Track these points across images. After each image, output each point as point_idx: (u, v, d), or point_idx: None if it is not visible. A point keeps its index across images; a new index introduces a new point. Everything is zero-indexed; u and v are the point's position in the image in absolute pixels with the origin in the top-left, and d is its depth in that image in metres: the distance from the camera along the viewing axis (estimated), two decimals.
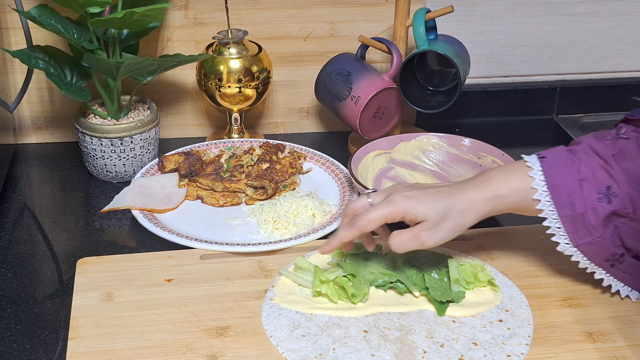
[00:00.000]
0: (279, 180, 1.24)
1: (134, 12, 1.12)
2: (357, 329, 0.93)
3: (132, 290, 0.99)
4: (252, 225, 1.15)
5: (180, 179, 1.23)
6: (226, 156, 1.28)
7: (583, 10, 1.49)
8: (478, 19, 1.47)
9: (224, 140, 1.33)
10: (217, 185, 1.21)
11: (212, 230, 1.13)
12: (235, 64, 1.30)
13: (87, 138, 1.24)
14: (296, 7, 1.37)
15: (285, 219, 1.13)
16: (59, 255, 1.11)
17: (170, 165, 1.24)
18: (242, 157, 1.27)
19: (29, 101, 1.36)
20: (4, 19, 1.29)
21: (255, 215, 1.16)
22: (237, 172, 1.24)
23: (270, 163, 1.26)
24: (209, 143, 1.32)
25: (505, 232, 1.14)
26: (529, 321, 0.95)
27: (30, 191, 1.26)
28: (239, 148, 1.31)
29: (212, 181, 1.22)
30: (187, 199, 1.20)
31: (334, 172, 1.28)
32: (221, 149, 1.31)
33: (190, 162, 1.25)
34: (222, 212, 1.19)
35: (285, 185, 1.24)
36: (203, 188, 1.22)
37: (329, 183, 1.26)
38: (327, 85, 1.34)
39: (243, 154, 1.28)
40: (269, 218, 1.14)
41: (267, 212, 1.15)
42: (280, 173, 1.25)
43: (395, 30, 1.33)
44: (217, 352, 0.89)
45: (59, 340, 0.93)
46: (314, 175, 1.28)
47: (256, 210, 1.18)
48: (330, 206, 1.18)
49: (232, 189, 1.21)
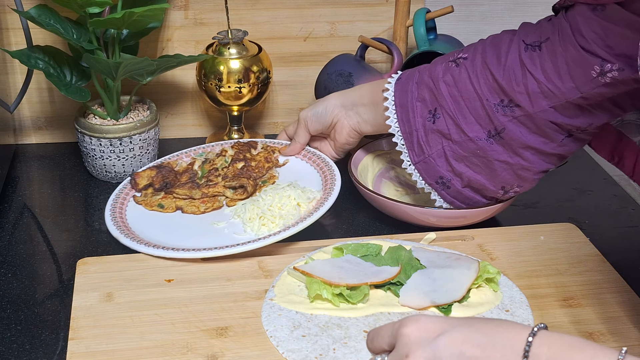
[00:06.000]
0: (257, 176, 1.21)
1: (133, 13, 1.11)
2: (357, 329, 0.93)
3: (132, 290, 0.99)
4: (238, 225, 1.13)
5: (155, 192, 1.19)
6: (199, 162, 1.24)
7: None
8: (478, 19, 1.47)
9: (194, 147, 1.29)
10: (194, 192, 1.18)
11: (196, 238, 1.10)
12: (235, 64, 1.30)
13: (86, 138, 1.24)
14: (296, 7, 1.37)
15: (270, 213, 1.12)
16: (59, 255, 1.11)
17: (143, 182, 1.20)
18: (215, 160, 1.24)
19: (29, 101, 1.36)
20: (3, 19, 1.29)
21: (239, 215, 1.14)
22: (212, 176, 1.21)
23: (245, 161, 1.22)
24: (179, 153, 1.28)
25: (505, 232, 1.14)
26: (528, 321, 0.95)
27: (30, 191, 1.26)
28: (210, 152, 1.28)
29: (189, 189, 1.18)
30: (165, 211, 1.17)
31: (311, 159, 1.24)
32: (192, 157, 1.27)
33: (163, 174, 1.20)
34: (205, 218, 1.15)
35: (265, 181, 1.21)
36: (181, 198, 1.18)
37: (308, 170, 1.23)
38: (327, 87, 1.33)
39: (216, 157, 1.25)
40: (253, 215, 1.12)
41: (250, 209, 1.13)
42: (257, 169, 1.22)
43: (395, 31, 1.33)
44: (217, 353, 0.89)
45: (59, 340, 0.93)
46: (292, 166, 1.25)
47: (239, 210, 1.15)
48: (313, 192, 1.16)
49: (210, 193, 1.18)
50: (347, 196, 1.24)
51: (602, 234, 1.15)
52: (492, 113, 1.03)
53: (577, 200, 1.27)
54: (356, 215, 1.21)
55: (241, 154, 1.24)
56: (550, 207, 1.25)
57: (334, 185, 1.15)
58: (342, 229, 1.18)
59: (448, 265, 1.01)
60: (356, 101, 1.18)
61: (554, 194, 1.28)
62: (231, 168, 1.21)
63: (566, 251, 1.08)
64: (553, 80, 0.98)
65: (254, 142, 1.28)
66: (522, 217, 1.21)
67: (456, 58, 1.07)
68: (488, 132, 1.05)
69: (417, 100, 1.09)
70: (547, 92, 0.99)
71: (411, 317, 0.73)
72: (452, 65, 1.07)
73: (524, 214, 1.22)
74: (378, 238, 1.09)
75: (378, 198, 1.15)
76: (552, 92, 0.99)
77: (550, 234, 1.11)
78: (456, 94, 1.06)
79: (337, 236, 1.15)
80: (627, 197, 1.27)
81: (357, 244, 1.04)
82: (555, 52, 0.98)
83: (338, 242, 1.06)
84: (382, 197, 1.15)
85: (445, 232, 1.12)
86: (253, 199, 1.16)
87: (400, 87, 1.11)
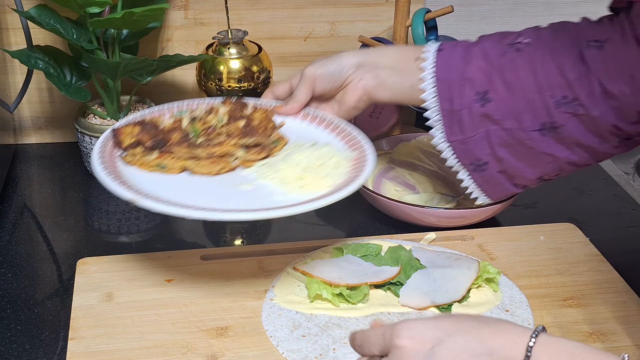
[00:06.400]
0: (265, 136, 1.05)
1: (133, 13, 1.11)
2: (357, 329, 0.93)
3: (132, 290, 0.99)
4: (268, 188, 0.96)
5: (146, 151, 0.99)
6: (186, 120, 1.05)
7: (583, 10, 1.49)
8: (478, 19, 1.47)
9: (174, 103, 1.10)
10: (199, 152, 1.00)
11: (229, 201, 0.92)
12: (235, 64, 1.30)
13: (86, 138, 1.24)
14: (296, 7, 1.37)
15: (313, 172, 0.97)
16: (59, 255, 1.11)
17: (127, 140, 1.00)
18: (207, 118, 1.06)
19: (29, 101, 1.36)
20: (3, 19, 1.29)
21: (268, 177, 0.97)
22: (212, 134, 1.03)
23: (246, 119, 1.06)
24: (158, 108, 1.09)
25: (505, 232, 1.14)
26: (529, 321, 0.95)
27: (30, 191, 1.26)
28: (194, 111, 1.09)
29: (189, 148, 1.00)
30: (168, 172, 0.98)
31: (316, 120, 1.10)
32: (174, 115, 1.08)
33: (150, 132, 1.01)
34: (223, 180, 0.98)
35: (275, 141, 1.05)
36: (184, 158, 0.99)
37: (315, 132, 1.08)
38: None
39: (205, 115, 1.07)
40: (290, 175, 0.97)
41: (284, 169, 0.98)
42: (262, 129, 1.06)
43: (395, 31, 1.33)
44: (217, 352, 0.89)
45: (59, 340, 0.93)
46: (293, 128, 1.08)
47: (266, 171, 0.99)
48: (347, 150, 1.02)
49: (218, 153, 1.00)
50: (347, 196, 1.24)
51: (602, 234, 1.15)
52: (553, 108, 0.97)
53: (577, 200, 1.27)
54: (356, 215, 1.21)
55: (237, 112, 1.08)
56: (550, 207, 1.25)
57: (363, 144, 1.02)
58: (342, 229, 1.18)
59: (448, 265, 1.01)
60: (378, 62, 1.06)
61: (554, 194, 1.28)
62: (233, 126, 1.05)
63: (566, 251, 1.08)
64: (617, 82, 0.93)
65: (243, 102, 1.10)
66: (522, 217, 1.21)
67: (515, 42, 1.00)
68: (542, 124, 0.99)
69: (464, 78, 1.00)
70: (611, 94, 0.94)
71: (403, 325, 0.69)
72: (511, 50, 0.99)
73: (524, 214, 1.22)
74: (378, 238, 1.09)
75: (378, 198, 1.15)
76: (616, 95, 0.93)
77: (550, 234, 1.11)
78: (513, 80, 0.98)
79: (337, 236, 1.15)
80: (627, 197, 1.27)
81: (357, 244, 1.04)
82: (617, 53, 0.93)
83: (338, 242, 1.06)
84: (382, 197, 1.15)
85: (445, 232, 1.12)
86: (279, 158, 1.01)
87: (443, 59, 1.01)
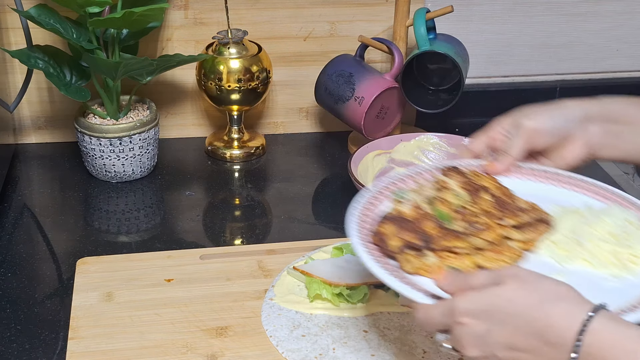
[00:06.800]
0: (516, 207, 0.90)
1: (133, 12, 1.11)
2: (357, 328, 0.93)
3: (132, 290, 0.99)
4: (590, 273, 0.82)
5: (419, 253, 0.83)
6: (422, 203, 0.88)
7: (583, 10, 1.49)
8: (478, 19, 1.47)
9: (376, 184, 0.94)
10: (477, 242, 0.84)
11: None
12: (235, 64, 1.30)
13: (86, 138, 1.24)
14: (296, 7, 1.37)
15: (623, 242, 0.83)
16: (59, 255, 1.11)
17: (396, 242, 0.83)
18: (444, 196, 0.89)
19: (29, 101, 1.36)
20: (3, 19, 1.29)
21: (575, 259, 0.83)
22: (468, 215, 0.86)
23: (487, 191, 0.91)
24: (369, 192, 0.93)
25: None
26: None
27: (30, 191, 1.26)
28: (421, 188, 0.91)
29: (462, 240, 0.84)
30: (431, 276, 0.81)
31: (542, 176, 0.97)
32: (391, 197, 0.92)
33: (406, 228, 0.85)
34: None
35: (537, 212, 0.89)
36: (463, 253, 0.83)
37: (551, 189, 0.95)
38: (328, 87, 1.33)
39: (436, 192, 0.90)
40: (601, 253, 0.83)
41: (591, 247, 0.84)
42: (507, 198, 0.90)
43: (395, 30, 1.33)
44: (217, 352, 0.89)
45: (59, 340, 0.93)
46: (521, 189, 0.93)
47: (566, 251, 0.84)
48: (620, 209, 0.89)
49: (495, 239, 0.84)
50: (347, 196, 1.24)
51: None
52: None
53: None
54: None
55: (469, 184, 0.92)
56: None
57: (631, 200, 0.91)
58: (342, 229, 1.18)
59: None
60: (609, 116, 0.93)
61: None
62: (483, 202, 0.89)
63: None
64: None
65: (457, 169, 0.95)
66: None
67: None
68: None
69: None
70: None
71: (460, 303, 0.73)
72: None
73: None
74: None
75: None
76: None
77: None
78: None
79: (336, 236, 1.15)
80: None
81: None
82: None
83: (338, 242, 1.06)
84: None
85: None
86: (565, 233, 0.87)
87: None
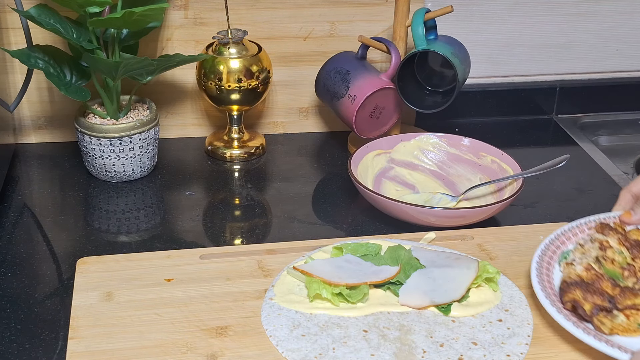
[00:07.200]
0: None
1: (133, 12, 1.12)
2: (357, 328, 0.93)
3: (132, 290, 0.99)
4: None
5: (608, 314, 0.92)
6: (596, 266, 0.98)
7: (583, 10, 1.50)
8: (477, 19, 1.47)
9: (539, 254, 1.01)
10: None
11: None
12: (235, 63, 1.30)
13: (86, 138, 1.24)
14: (296, 7, 1.37)
15: None
16: (59, 255, 1.11)
17: (589, 306, 0.93)
18: (609, 255, 0.99)
19: (29, 101, 1.36)
20: (3, 19, 1.29)
21: None
22: (637, 272, 0.97)
23: None
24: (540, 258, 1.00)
25: (504, 231, 1.14)
26: (528, 321, 0.95)
27: (30, 191, 1.26)
28: (585, 248, 1.02)
29: (639, 295, 0.93)
30: (626, 335, 0.91)
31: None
32: (561, 261, 1.02)
33: (589, 291, 0.94)
34: None
35: None
36: (637, 309, 0.92)
37: None
38: (326, 84, 1.34)
39: (599, 251, 1.00)
40: None
41: None
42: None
43: (395, 30, 1.33)
44: (217, 352, 0.89)
45: (59, 340, 0.93)
46: None
47: None
48: None
49: None
50: (346, 196, 1.24)
51: None
52: None
53: (577, 200, 1.27)
54: (356, 215, 1.21)
55: (626, 240, 1.02)
56: (549, 207, 1.25)
57: None
58: (342, 229, 1.18)
59: (447, 264, 1.01)
60: None
61: (554, 194, 1.28)
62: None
63: None
64: None
65: (606, 224, 1.05)
66: (522, 217, 1.21)
67: None
68: None
69: None
70: None
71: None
72: None
73: (524, 213, 1.22)
74: (378, 238, 1.09)
75: (378, 198, 1.15)
76: None
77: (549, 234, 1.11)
78: None
79: (336, 236, 1.15)
80: None
81: (357, 244, 1.04)
82: None
83: (338, 242, 1.06)
84: (382, 197, 1.15)
85: (444, 231, 1.12)
86: None
87: None
